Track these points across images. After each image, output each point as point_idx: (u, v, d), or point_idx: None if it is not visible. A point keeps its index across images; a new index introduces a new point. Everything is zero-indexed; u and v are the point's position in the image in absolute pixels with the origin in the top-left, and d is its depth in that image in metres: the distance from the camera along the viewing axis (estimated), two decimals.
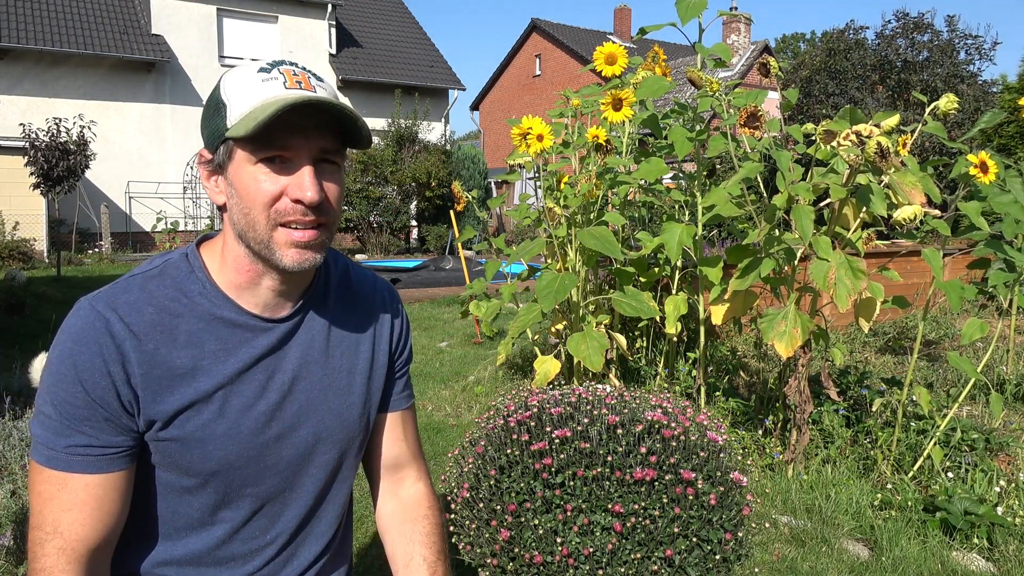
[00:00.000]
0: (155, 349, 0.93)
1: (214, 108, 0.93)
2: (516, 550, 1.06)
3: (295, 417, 1.03)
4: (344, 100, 0.94)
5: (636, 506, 1.03)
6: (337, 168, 0.96)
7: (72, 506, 0.90)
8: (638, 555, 1.03)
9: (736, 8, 25.07)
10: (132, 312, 0.93)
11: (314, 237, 0.93)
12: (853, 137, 2.37)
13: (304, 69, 0.94)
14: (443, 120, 20.27)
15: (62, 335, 0.92)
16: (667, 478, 1.06)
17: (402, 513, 1.16)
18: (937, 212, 2.47)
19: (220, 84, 0.94)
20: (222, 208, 0.97)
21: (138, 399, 0.92)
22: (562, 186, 3.52)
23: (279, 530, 1.05)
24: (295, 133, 0.90)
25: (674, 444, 1.11)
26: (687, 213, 3.82)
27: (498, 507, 1.09)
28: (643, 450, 1.08)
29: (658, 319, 3.69)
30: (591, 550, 1.03)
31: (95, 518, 0.92)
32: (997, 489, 2.77)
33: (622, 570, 1.02)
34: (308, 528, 1.09)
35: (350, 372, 1.09)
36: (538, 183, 3.65)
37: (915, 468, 2.92)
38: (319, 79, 0.94)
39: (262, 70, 0.92)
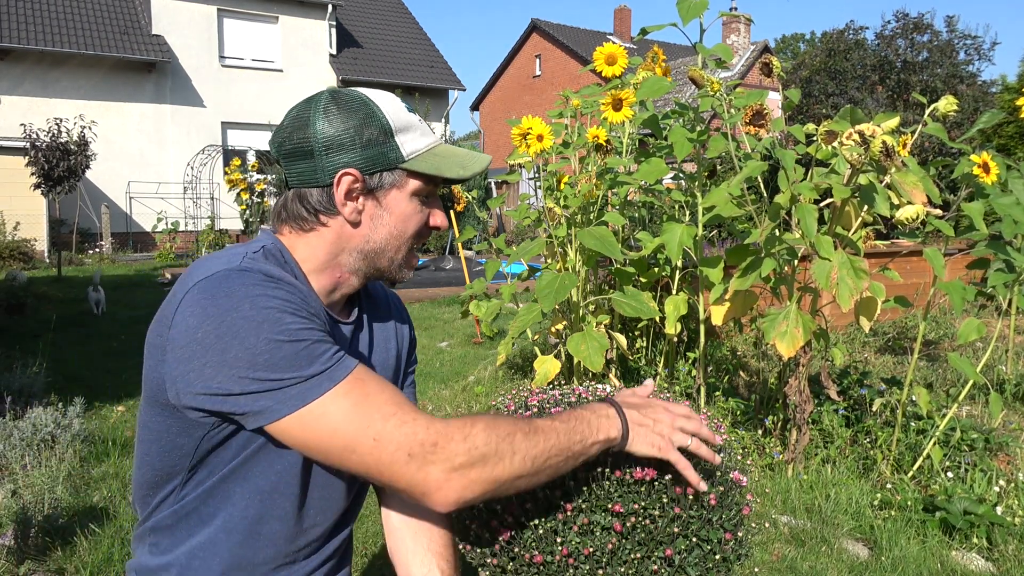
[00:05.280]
0: (312, 315, 0.94)
1: (376, 132, 0.99)
2: (516, 550, 1.07)
3: None
4: None
5: (636, 506, 1.04)
6: None
7: (382, 387, 0.91)
8: (638, 555, 1.03)
9: (736, 8, 25.07)
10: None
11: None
12: (856, 136, 2.37)
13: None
14: (443, 120, 20.28)
15: (238, 291, 0.87)
16: (667, 478, 1.06)
17: (416, 522, 1.15)
18: (938, 212, 2.47)
19: (378, 109, 1.00)
20: (353, 224, 1.02)
21: None
22: (562, 186, 3.52)
23: (319, 520, 1.07)
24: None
25: None
26: (687, 213, 3.82)
27: (498, 507, 1.09)
28: None
29: (658, 319, 3.69)
30: (591, 550, 1.03)
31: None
32: (996, 489, 2.77)
33: (622, 570, 1.02)
34: (340, 523, 1.12)
35: (383, 368, 1.16)
36: (538, 183, 3.65)
37: (915, 468, 2.92)
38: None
39: (409, 109, 1.04)
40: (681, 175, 3.82)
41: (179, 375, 0.88)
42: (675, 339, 3.83)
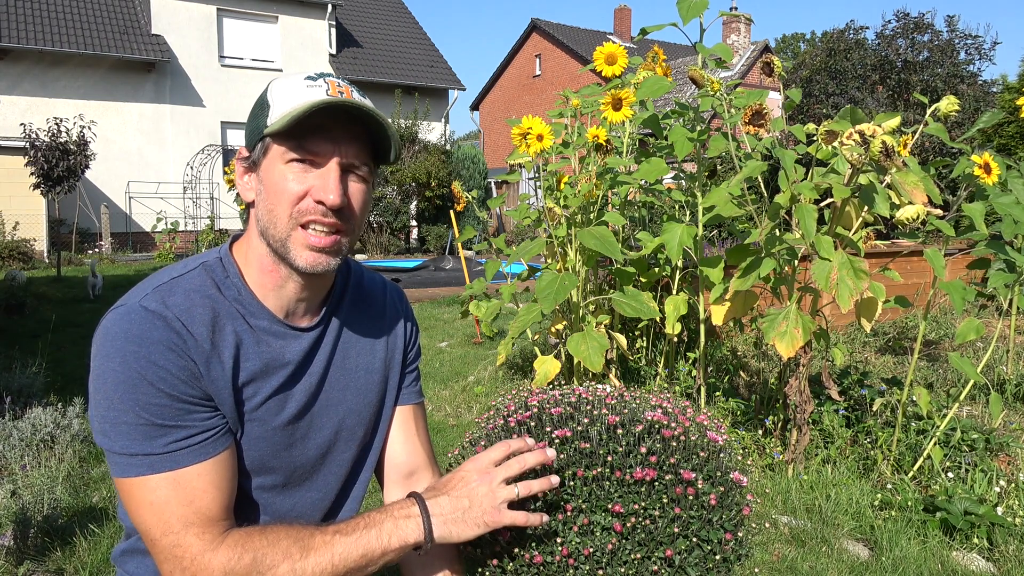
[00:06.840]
0: (210, 349, 0.94)
1: (258, 109, 0.96)
2: (516, 550, 1.06)
3: (319, 418, 1.07)
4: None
5: (636, 506, 1.03)
6: (364, 181, 0.99)
7: (192, 498, 0.90)
8: (638, 555, 1.03)
9: (736, 8, 25.06)
10: (184, 314, 0.93)
11: (331, 244, 0.96)
12: (856, 136, 2.37)
13: (349, 83, 0.97)
14: (443, 120, 20.27)
15: (119, 341, 0.90)
16: (667, 478, 1.06)
17: None
18: (939, 212, 2.46)
19: (267, 88, 0.97)
20: (251, 205, 0.99)
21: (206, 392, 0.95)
22: (562, 186, 3.51)
23: None
24: (327, 139, 0.93)
25: (674, 444, 1.10)
26: (687, 213, 3.82)
27: None
28: (643, 450, 1.08)
29: (658, 319, 3.69)
30: (591, 550, 1.03)
31: (218, 495, 0.92)
32: (997, 489, 2.77)
33: (622, 570, 1.02)
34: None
35: (367, 371, 1.13)
36: (538, 183, 3.65)
37: (915, 468, 2.91)
38: (361, 94, 0.98)
39: (308, 78, 0.96)
40: (681, 175, 3.81)
41: None
42: (675, 339, 3.83)
